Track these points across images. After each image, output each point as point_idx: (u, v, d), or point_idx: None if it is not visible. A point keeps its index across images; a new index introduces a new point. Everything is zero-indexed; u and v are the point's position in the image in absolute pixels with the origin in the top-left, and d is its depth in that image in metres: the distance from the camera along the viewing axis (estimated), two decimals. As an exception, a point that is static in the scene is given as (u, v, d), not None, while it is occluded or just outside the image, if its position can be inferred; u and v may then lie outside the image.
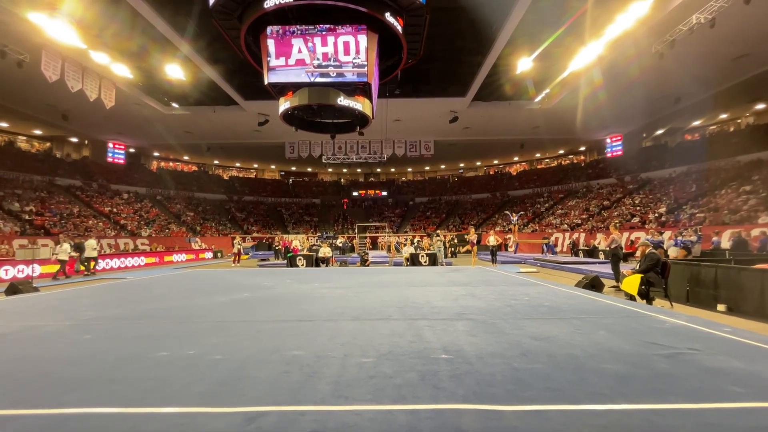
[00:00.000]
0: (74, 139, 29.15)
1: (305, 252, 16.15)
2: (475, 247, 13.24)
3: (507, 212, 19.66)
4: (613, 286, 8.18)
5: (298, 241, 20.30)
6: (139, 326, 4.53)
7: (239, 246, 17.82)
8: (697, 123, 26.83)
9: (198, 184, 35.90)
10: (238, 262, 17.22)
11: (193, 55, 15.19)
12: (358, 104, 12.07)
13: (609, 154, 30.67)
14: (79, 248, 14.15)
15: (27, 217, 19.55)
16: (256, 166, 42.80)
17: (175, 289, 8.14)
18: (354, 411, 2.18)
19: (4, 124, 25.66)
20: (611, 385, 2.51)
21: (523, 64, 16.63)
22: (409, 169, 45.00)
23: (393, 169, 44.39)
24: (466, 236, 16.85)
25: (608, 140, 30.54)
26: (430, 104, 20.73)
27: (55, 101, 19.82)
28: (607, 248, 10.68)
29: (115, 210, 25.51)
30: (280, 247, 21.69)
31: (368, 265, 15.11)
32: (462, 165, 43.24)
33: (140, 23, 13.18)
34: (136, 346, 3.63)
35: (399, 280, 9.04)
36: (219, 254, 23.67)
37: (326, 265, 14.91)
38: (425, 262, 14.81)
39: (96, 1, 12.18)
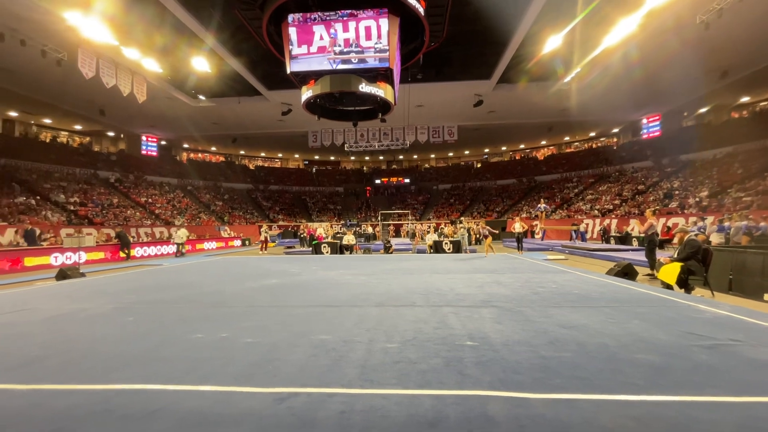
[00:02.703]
0: (111, 134, 30.65)
1: (330, 239, 16.41)
2: (489, 239, 12.52)
3: (543, 202, 18.98)
4: (648, 274, 7.83)
5: (322, 229, 20.63)
6: (176, 310, 4.78)
7: (266, 234, 18.34)
8: (745, 99, 24.76)
9: (225, 174, 37.01)
10: (266, 250, 17.75)
11: (218, 47, 15.45)
12: (380, 90, 11.93)
13: (645, 136, 28.94)
14: (121, 237, 15.03)
15: (72, 207, 20.89)
16: (280, 155, 43.52)
17: (208, 275, 8.50)
18: (380, 395, 2.22)
19: (48, 121, 27.29)
20: (646, 375, 2.43)
21: (552, 43, 15.81)
22: (432, 156, 44.37)
23: (416, 156, 43.92)
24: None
25: (644, 120, 28.77)
26: (453, 88, 20.20)
27: (93, 97, 20.81)
28: (642, 234, 10.19)
29: (150, 200, 26.80)
30: (305, 234, 22.14)
31: (391, 253, 15.18)
32: (487, 150, 42.17)
33: (168, 18, 13.50)
34: (175, 329, 3.84)
35: (423, 267, 9.04)
36: (247, 242, 24.47)
37: (350, 252, 15.11)
38: (449, 249, 14.70)
39: (125, -2, 12.57)
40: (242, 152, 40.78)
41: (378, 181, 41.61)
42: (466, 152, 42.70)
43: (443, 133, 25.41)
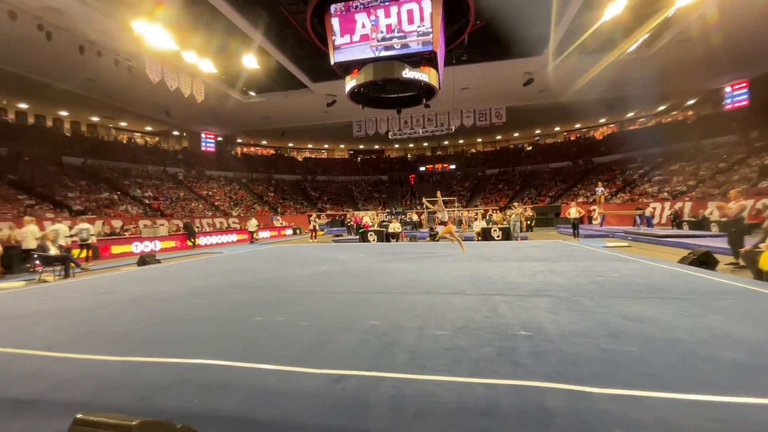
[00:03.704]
0: (176, 133, 33.45)
1: (376, 227, 16.64)
2: (449, 226, 9.16)
3: (601, 185, 17.53)
4: (732, 263, 6.96)
5: (368, 217, 20.97)
6: (237, 294, 5.16)
7: (315, 223, 19.05)
8: None
9: (276, 166, 38.83)
10: (315, 238, 18.47)
11: (265, 44, 16.06)
12: (424, 75, 11.67)
13: (729, 106, 25.36)
14: (187, 227, 16.46)
15: (147, 201, 23.26)
16: (326, 146, 44.63)
17: (264, 262, 9.05)
18: (432, 381, 2.23)
19: (124, 124, 30.44)
20: (729, 375, 2.18)
21: (613, 8, 14.31)
22: (479, 140, 42.79)
23: (461, 141, 42.67)
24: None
25: (727, 89, 25.20)
26: (500, 68, 19.18)
27: (159, 100, 22.77)
28: (723, 219, 9.06)
29: (210, 193, 29.00)
30: (352, 223, 22.66)
31: (438, 240, 15.04)
32: (538, 132, 39.75)
33: (220, 20, 14.25)
34: (236, 311, 4.16)
35: (470, 255, 8.85)
36: (298, 231, 25.63)
37: (396, 240, 15.21)
38: (498, 236, 14.23)
39: (183, 4, 13.44)
40: (290, 145, 42.39)
41: (422, 168, 41.13)
42: (516, 135, 40.61)
43: (490, 116, 24.35)
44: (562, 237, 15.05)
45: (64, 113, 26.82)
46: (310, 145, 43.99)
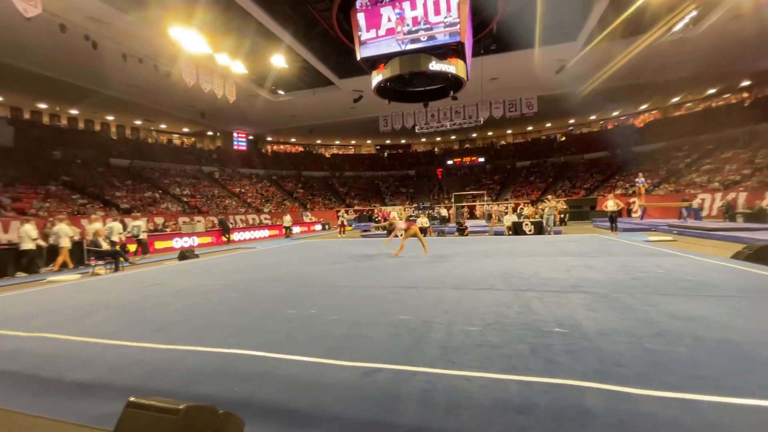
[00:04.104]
0: (210, 133, 34.86)
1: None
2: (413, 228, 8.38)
3: (641, 176, 16.50)
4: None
5: (396, 212, 20.97)
6: (271, 288, 5.34)
7: (343, 218, 19.29)
8: None
9: (304, 163, 39.58)
10: (344, 233, 18.71)
11: (293, 43, 16.33)
12: (451, 67, 11.43)
13: (789, 87, 23.05)
14: (222, 223, 17.17)
15: (185, 199, 24.48)
16: (353, 142, 44.93)
17: (295, 257, 9.29)
18: (463, 376, 2.21)
19: (163, 126, 32.11)
20: (791, 379, 2.01)
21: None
22: (509, 132, 41.48)
23: (490, 133, 41.54)
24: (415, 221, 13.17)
25: (789, 67, 22.86)
26: (531, 56, 18.41)
27: (194, 102, 23.78)
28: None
29: (243, 190, 30.05)
30: (379, 218, 22.75)
31: (466, 235, 14.80)
32: (572, 121, 37.94)
33: (251, 22, 14.64)
34: (270, 304, 4.31)
35: (501, 250, 8.65)
36: (326, 226, 26.06)
37: (424, 235, 15.12)
38: (530, 230, 13.79)
39: (216, 10, 13.92)
40: (318, 142, 43.03)
41: (450, 162, 40.47)
42: (548, 125, 39.01)
43: (521, 106, 23.52)
44: (598, 231, 14.37)
45: (110, 118, 28.67)
46: (337, 142, 44.46)
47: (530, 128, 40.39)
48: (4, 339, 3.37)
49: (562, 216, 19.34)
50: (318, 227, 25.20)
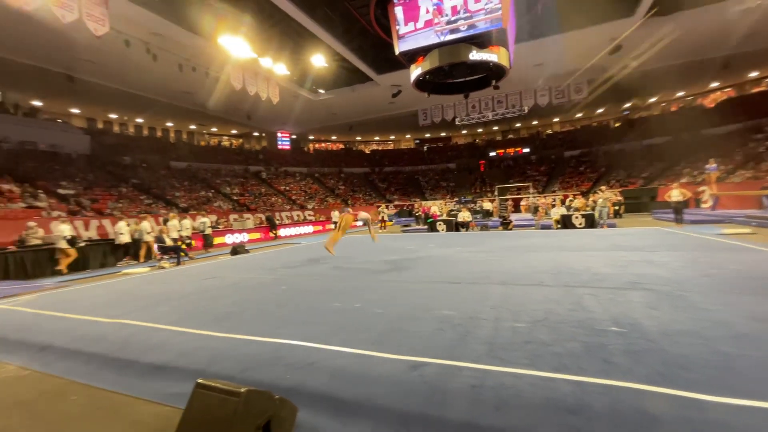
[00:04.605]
0: (256, 134, 36.69)
1: (444, 217, 16.41)
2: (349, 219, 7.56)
3: (713, 162, 14.81)
4: None
5: (436, 206, 20.74)
6: (317, 281, 5.54)
7: (384, 213, 19.45)
8: None
9: (345, 160, 40.33)
10: (385, 228, 18.87)
11: (332, 41, 16.63)
12: (493, 55, 11.01)
13: None
14: (269, 220, 18.03)
15: (235, 197, 26.03)
16: (392, 137, 44.97)
17: (338, 252, 9.54)
18: (512, 373, 2.16)
19: (214, 129, 34.32)
20: None
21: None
22: (556, 120, 39.19)
23: (535, 122, 39.55)
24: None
25: None
26: (581, 36, 17.20)
27: (241, 105, 25.11)
28: None
29: (287, 188, 31.32)
30: (420, 213, 22.64)
31: (511, 229, 14.29)
32: (628, 105, 35.02)
33: (291, 24, 15.13)
34: (316, 297, 4.47)
35: (549, 244, 8.26)
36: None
37: (466, 230, 14.83)
38: (580, 224, 13.01)
39: (261, 16, 14.55)
40: (358, 138, 43.60)
41: (493, 154, 39.14)
42: (599, 110, 36.33)
43: (569, 92, 22.12)
44: (660, 223, 13.21)
45: (169, 124, 31.18)
46: (376, 138, 44.76)
47: (580, 115, 37.88)
48: (90, 324, 3.82)
49: (617, 208, 18.01)
50: (359, 223, 25.60)
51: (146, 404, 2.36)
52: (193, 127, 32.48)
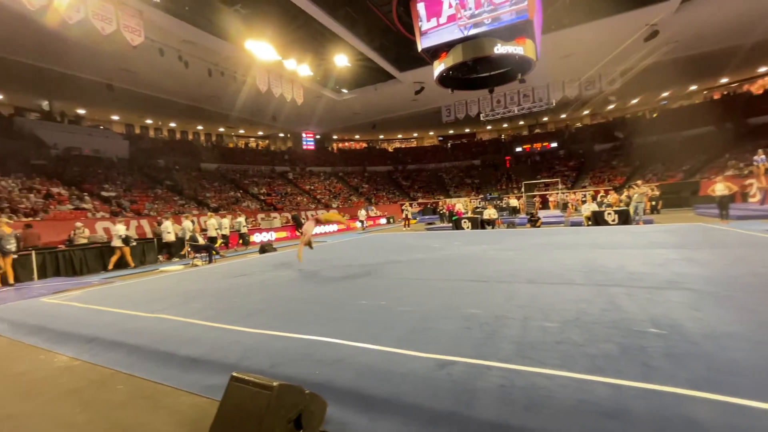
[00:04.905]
0: (281, 135, 37.53)
1: (470, 214, 16.17)
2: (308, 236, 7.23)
3: (761, 153, 13.72)
4: None
5: (461, 204, 20.47)
6: (342, 279, 5.60)
7: (408, 211, 19.41)
8: None
9: (368, 158, 40.53)
10: (409, 226, 18.83)
11: (354, 41, 16.72)
12: (519, 48, 10.70)
13: None
14: (295, 219, 18.40)
15: (262, 197, 26.76)
16: (415, 135, 44.76)
17: (363, 250, 9.62)
18: (542, 374, 2.11)
19: (242, 131, 35.40)
20: None
21: None
22: (585, 112, 37.62)
23: (563, 116, 38.14)
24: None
25: None
26: (613, 24, 16.41)
27: (266, 107, 25.76)
28: None
29: (312, 187, 31.85)
30: (444, 210, 22.43)
31: (539, 226, 13.90)
32: (665, 94, 33.12)
33: (315, 25, 15.34)
34: (342, 295, 4.53)
35: (579, 242, 7.97)
36: (391, 220, 26.46)
37: (492, 227, 14.55)
38: (613, 220, 12.46)
39: (285, 19, 14.86)
40: (381, 136, 43.68)
41: (519, 149, 38.15)
42: (634, 101, 34.58)
43: (600, 83, 21.18)
44: (703, 219, 12.44)
45: (200, 127, 32.47)
46: (399, 135, 44.68)
47: (612, 106, 36.22)
48: (132, 318, 4.05)
49: (654, 203, 17.11)
50: (383, 221, 25.70)
51: (185, 395, 2.48)
52: (221, 129, 33.64)
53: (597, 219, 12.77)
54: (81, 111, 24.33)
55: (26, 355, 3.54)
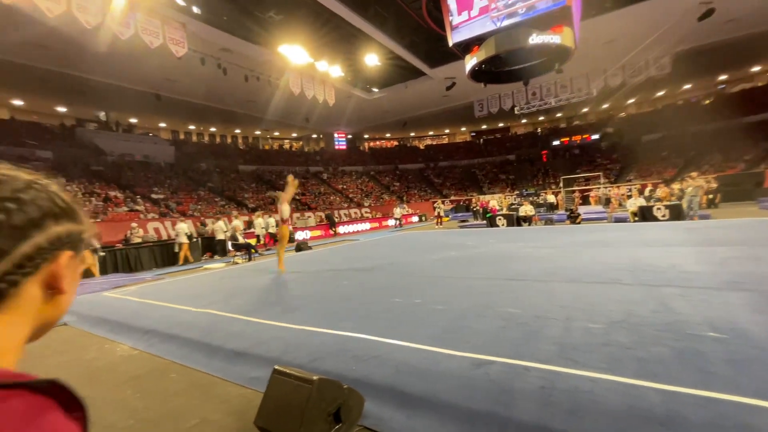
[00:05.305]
0: (314, 136, 38.40)
1: (505, 211, 15.73)
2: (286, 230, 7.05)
3: None
4: None
5: (495, 200, 19.95)
6: (377, 277, 5.66)
7: (440, 209, 19.20)
8: None
9: (399, 156, 40.50)
10: (441, 224, 18.63)
11: (384, 39, 16.75)
12: (556, 37, 10.22)
13: None
14: (329, 218, 18.79)
15: (296, 197, 27.59)
16: (447, 131, 44.12)
17: (396, 248, 9.65)
18: (587, 377, 2.02)
19: (277, 133, 36.62)
20: None
21: None
22: (630, 101, 35.21)
23: (605, 106, 35.97)
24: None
25: None
26: (662, 4, 15.24)
27: (299, 109, 26.46)
28: None
29: (344, 186, 32.36)
30: (477, 207, 21.96)
31: (579, 223, 13.24)
32: (723, 77, 30.29)
33: (344, 26, 15.55)
34: (378, 292, 4.58)
35: (625, 239, 7.52)
36: (423, 218, 26.30)
37: (528, 224, 14.06)
38: (663, 216, 11.62)
39: (317, 22, 15.20)
40: (412, 134, 43.48)
41: (556, 143, 36.48)
42: (686, 86, 31.93)
43: (647, 68, 19.75)
44: (764, 213, 11.30)
45: (237, 131, 33.97)
46: (431, 132, 44.25)
47: (661, 93, 33.71)
48: (183, 312, 4.34)
49: (711, 197, 15.77)
50: (415, 219, 25.62)
51: (231, 386, 2.63)
52: (257, 132, 34.98)
53: (644, 215, 11.96)
54: (133, 120, 26.26)
55: (94, 344, 3.90)
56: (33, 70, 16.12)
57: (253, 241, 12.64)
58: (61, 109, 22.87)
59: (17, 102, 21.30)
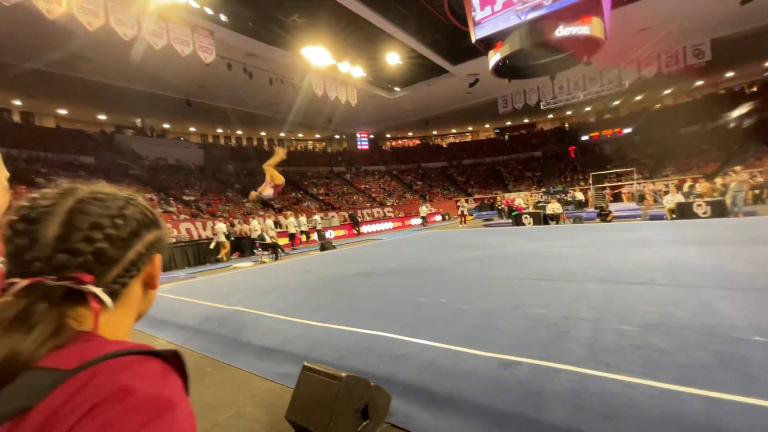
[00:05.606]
0: (337, 136, 38.86)
1: (531, 209, 15.34)
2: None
3: None
4: None
5: (521, 198, 19.49)
6: (401, 276, 5.68)
7: (463, 208, 18.95)
8: None
9: (422, 155, 40.28)
10: (465, 223, 18.39)
11: (406, 38, 16.70)
12: (584, 28, 9.86)
13: None
14: (352, 218, 18.97)
15: (320, 197, 28.01)
16: (470, 128, 43.46)
17: (419, 247, 9.63)
18: (621, 381, 1.96)
19: (300, 135, 37.32)
20: None
21: None
22: (666, 92, 33.40)
23: (639, 98, 34.27)
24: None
25: None
26: (701, -13, 14.38)
27: (322, 110, 26.86)
28: None
29: (367, 186, 32.55)
30: (502, 206, 21.53)
31: (610, 221, 12.71)
32: (770, 63, 28.19)
33: (365, 26, 15.64)
34: (402, 292, 4.59)
35: (661, 237, 7.16)
36: (446, 216, 26.06)
37: (556, 223, 13.64)
38: (704, 213, 10.96)
39: (340, 24, 15.38)
40: (434, 132, 43.14)
41: (585, 138, 35.15)
42: (728, 75, 29.94)
43: (685, 57, 18.67)
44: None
45: (263, 133, 34.91)
46: (453, 130, 43.75)
47: (700, 82, 31.76)
48: (214, 310, 4.52)
49: (758, 192, 14.74)
50: (438, 218, 25.42)
51: (262, 381, 2.72)
52: (282, 134, 35.79)
53: (683, 212, 11.33)
54: (166, 125, 27.51)
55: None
56: (76, 81, 17.21)
57: (283, 240, 12.97)
58: (102, 117, 24.29)
59: (62, 111, 22.80)
